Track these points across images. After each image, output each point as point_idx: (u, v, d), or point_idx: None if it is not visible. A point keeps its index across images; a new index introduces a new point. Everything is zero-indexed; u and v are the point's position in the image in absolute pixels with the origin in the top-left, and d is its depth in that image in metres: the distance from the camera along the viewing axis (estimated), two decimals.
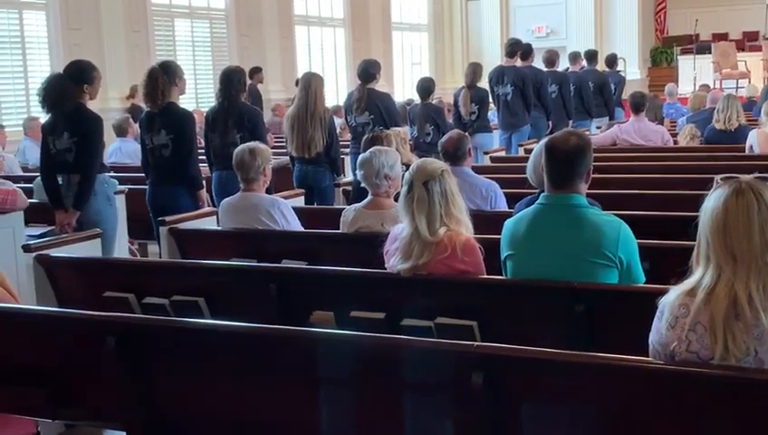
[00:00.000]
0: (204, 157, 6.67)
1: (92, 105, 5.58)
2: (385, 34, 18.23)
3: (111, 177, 5.86)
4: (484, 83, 9.67)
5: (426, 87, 8.68)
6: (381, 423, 2.74)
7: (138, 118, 7.10)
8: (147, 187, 5.91)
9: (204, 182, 5.84)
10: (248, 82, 11.80)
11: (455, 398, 2.54)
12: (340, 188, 6.57)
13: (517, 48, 9.89)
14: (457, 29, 20.48)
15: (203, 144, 6.73)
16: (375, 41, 17.58)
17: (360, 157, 4.42)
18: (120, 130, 9.10)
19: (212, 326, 3.13)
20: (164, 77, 5.60)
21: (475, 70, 9.38)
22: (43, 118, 6.07)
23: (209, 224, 5.09)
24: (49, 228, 5.53)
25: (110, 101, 10.99)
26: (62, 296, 4.25)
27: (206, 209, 5.43)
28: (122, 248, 6.18)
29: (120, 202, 6.19)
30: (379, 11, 17.97)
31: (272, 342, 2.87)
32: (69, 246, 4.44)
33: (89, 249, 4.54)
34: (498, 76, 9.76)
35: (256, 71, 13.04)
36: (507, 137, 9.81)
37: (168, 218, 4.89)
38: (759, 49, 17.71)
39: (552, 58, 10.68)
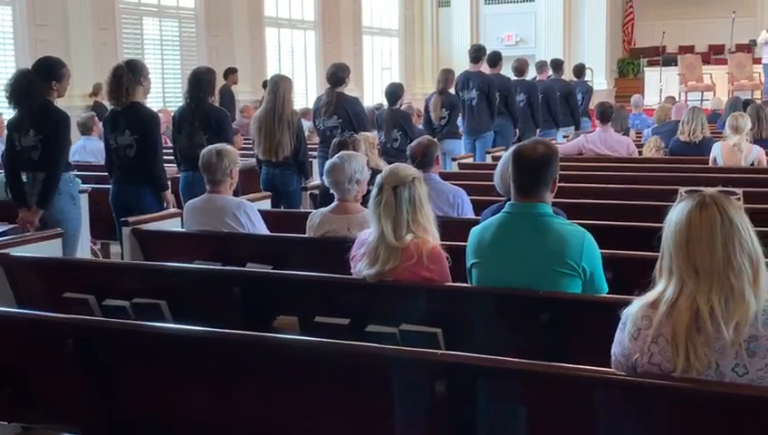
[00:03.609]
0: (171, 157, 6.61)
1: (57, 103, 5.50)
2: (355, 38, 18.20)
3: (75, 175, 5.78)
4: None
5: (393, 92, 8.67)
6: (342, 431, 2.72)
7: (102, 116, 7.00)
8: (110, 186, 5.84)
9: (169, 183, 5.78)
10: (223, 82, 11.78)
11: (418, 406, 2.53)
12: (308, 192, 6.54)
13: (481, 54, 9.89)
14: (428, 35, 20.53)
15: (170, 144, 6.67)
16: (345, 44, 17.55)
17: (329, 162, 4.40)
18: (85, 128, 8.98)
19: (173, 331, 3.08)
20: (129, 75, 5.54)
21: (447, 76, 9.38)
22: (8, 114, 5.97)
23: (173, 225, 5.03)
24: (11, 226, 5.44)
25: (74, 98, 10.83)
26: (21, 296, 4.17)
27: (171, 210, 5.37)
28: (84, 249, 6.09)
29: (84, 201, 6.11)
30: (350, 15, 17.95)
31: (233, 347, 2.84)
32: (29, 246, 4.37)
33: (50, 249, 4.47)
34: (464, 82, 9.78)
35: (231, 71, 12.92)
36: (471, 142, 9.82)
37: (131, 219, 4.82)
38: (724, 62, 17.95)
39: (521, 67, 10.73)
